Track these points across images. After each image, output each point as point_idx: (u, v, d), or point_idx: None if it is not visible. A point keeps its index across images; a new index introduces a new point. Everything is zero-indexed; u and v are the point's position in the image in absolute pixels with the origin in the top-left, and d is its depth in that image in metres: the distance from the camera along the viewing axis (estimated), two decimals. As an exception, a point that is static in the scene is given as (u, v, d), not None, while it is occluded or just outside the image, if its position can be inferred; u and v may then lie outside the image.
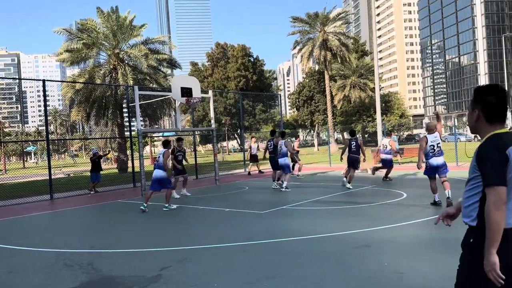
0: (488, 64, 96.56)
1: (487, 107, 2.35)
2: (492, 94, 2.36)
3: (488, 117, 2.36)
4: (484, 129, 2.38)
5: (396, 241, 6.36)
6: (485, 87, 2.41)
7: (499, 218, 2.16)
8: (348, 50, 45.31)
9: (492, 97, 2.35)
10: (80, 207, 12.49)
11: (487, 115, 2.36)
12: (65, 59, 25.98)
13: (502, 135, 2.31)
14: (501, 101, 2.35)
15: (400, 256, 5.62)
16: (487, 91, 2.38)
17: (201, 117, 54.94)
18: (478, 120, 2.40)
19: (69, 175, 27.38)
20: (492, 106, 2.35)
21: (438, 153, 8.79)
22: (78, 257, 6.37)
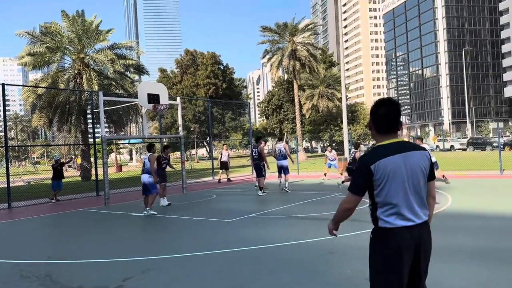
0: (450, 77, 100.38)
1: (376, 118, 2.61)
2: (381, 107, 2.60)
3: (376, 128, 2.63)
4: (375, 139, 2.68)
5: (361, 248, 6.42)
6: (377, 101, 2.66)
7: (341, 215, 2.78)
8: (316, 60, 46.01)
9: (381, 110, 2.59)
10: (40, 216, 12.00)
11: (375, 126, 2.63)
12: (27, 63, 25.16)
13: (383, 146, 2.58)
14: (389, 114, 2.58)
15: (365, 262, 5.67)
16: (377, 104, 2.63)
17: (169, 124, 54.27)
18: (371, 129, 2.69)
19: (29, 183, 26.39)
20: (380, 117, 2.59)
21: None
22: (35, 268, 6.09)
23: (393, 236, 2.53)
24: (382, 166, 2.50)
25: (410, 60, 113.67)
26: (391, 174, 2.50)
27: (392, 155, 2.52)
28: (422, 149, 2.64)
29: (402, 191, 2.53)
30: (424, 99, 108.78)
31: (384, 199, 2.55)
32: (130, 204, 13.62)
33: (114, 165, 42.83)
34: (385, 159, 2.51)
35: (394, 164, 2.51)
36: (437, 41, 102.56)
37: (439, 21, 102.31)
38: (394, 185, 2.52)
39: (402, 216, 2.54)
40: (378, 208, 2.59)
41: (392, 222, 2.54)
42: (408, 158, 2.54)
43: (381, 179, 2.51)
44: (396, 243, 2.52)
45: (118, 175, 31.83)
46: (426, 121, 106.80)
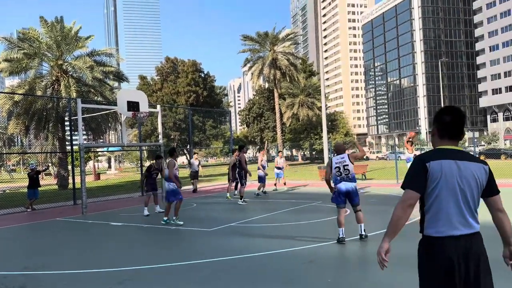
0: (426, 87, 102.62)
1: (441, 125, 2.62)
2: (447, 114, 2.61)
3: (439, 134, 2.63)
4: (435, 145, 2.67)
5: (340, 257, 6.49)
6: (443, 108, 2.69)
7: (401, 215, 2.52)
8: (297, 69, 46.48)
9: (446, 116, 2.61)
10: (15, 225, 11.70)
11: (439, 132, 2.64)
12: (3, 69, 24.63)
13: (440, 150, 2.57)
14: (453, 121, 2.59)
15: (344, 271, 5.73)
16: (443, 111, 2.65)
17: (149, 131, 53.79)
18: (434, 135, 2.69)
19: (4, 191, 25.72)
20: (444, 124, 2.61)
21: (347, 177, 7.33)
22: (10, 279, 5.94)
23: (438, 245, 2.47)
24: (436, 167, 2.48)
25: (388, 70, 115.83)
26: (443, 177, 2.47)
27: (447, 159, 2.50)
28: (481, 162, 2.58)
29: (453, 198, 2.49)
30: (402, 108, 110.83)
31: (434, 203, 2.51)
32: (108, 213, 13.42)
33: (92, 173, 42.14)
34: (440, 161, 2.49)
35: (447, 168, 2.48)
36: (414, 52, 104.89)
37: (416, 33, 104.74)
38: (446, 190, 2.48)
39: (450, 224, 2.48)
40: (425, 213, 2.55)
41: (438, 229, 2.49)
42: (463, 166, 2.50)
43: (433, 179, 2.48)
44: (441, 253, 2.45)
45: (96, 183, 31.33)
46: (404, 130, 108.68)
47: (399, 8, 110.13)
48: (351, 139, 58.23)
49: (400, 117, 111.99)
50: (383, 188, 16.85)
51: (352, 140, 55.19)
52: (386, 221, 8.68)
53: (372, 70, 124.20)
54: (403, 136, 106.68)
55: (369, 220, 9.62)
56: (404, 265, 5.71)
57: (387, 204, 12.18)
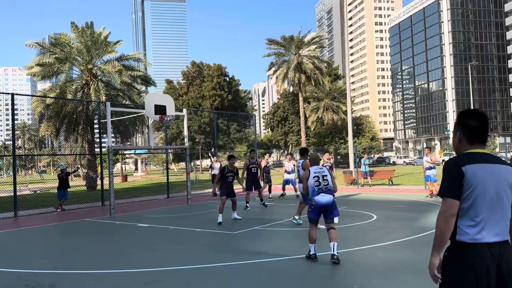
0: (456, 91, 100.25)
1: (467, 129, 2.53)
2: (474, 118, 2.53)
3: (468, 138, 2.53)
4: (461, 149, 2.56)
5: (366, 263, 6.39)
6: (467, 112, 2.59)
7: (444, 227, 2.39)
8: (322, 73, 46.19)
9: (472, 121, 2.52)
10: (45, 225, 12.04)
11: (466, 136, 2.53)
12: (36, 73, 25.43)
13: (472, 154, 2.47)
14: (481, 124, 2.51)
15: (370, 278, 5.64)
16: (468, 115, 2.55)
17: (175, 135, 54.48)
18: (460, 141, 2.57)
19: (35, 191, 26.50)
20: (472, 128, 2.51)
21: (326, 188, 6.51)
22: (40, 278, 6.11)
23: (473, 252, 2.34)
24: (471, 171, 2.37)
25: (416, 73, 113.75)
26: (480, 183, 2.37)
27: (479, 163, 2.40)
28: (506, 164, 2.50)
29: (488, 203, 2.38)
30: (430, 113, 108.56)
31: (470, 209, 2.39)
32: (135, 214, 13.64)
33: (119, 175, 42.96)
34: (474, 165, 2.39)
35: (482, 172, 2.38)
36: (443, 55, 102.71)
37: (445, 36, 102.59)
38: (481, 195, 2.37)
39: (485, 230, 2.36)
40: (459, 218, 2.40)
41: (473, 236, 2.36)
42: (495, 170, 2.41)
43: (469, 184, 2.37)
44: (476, 260, 2.33)
45: (123, 185, 31.92)
46: (432, 135, 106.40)
47: (428, 11, 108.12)
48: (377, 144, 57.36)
49: (428, 121, 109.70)
50: (411, 194, 16.54)
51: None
52: (415, 228, 8.58)
53: (399, 74, 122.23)
54: (431, 141, 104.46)
55: (398, 226, 9.46)
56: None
57: (415, 210, 11.94)
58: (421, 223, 9.60)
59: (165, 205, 16.06)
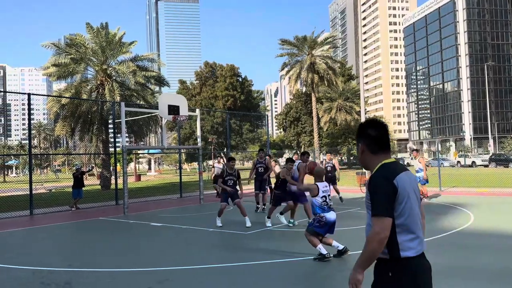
0: (471, 92, 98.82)
1: (375, 138, 2.44)
2: (372, 127, 2.46)
3: (370, 148, 2.44)
4: (371, 161, 2.45)
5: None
6: (366, 122, 2.51)
7: (378, 248, 2.21)
8: (335, 73, 45.98)
9: (371, 130, 2.45)
10: (60, 223, 12.20)
11: (368, 147, 2.45)
12: (52, 73, 25.78)
13: (389, 165, 2.37)
14: (380, 134, 2.44)
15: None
16: (371, 125, 2.48)
17: (187, 135, 54.76)
18: (364, 152, 2.48)
19: (51, 190, 26.87)
20: (371, 138, 2.45)
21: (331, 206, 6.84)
22: (55, 275, 6.19)
23: (419, 265, 2.27)
24: (401, 182, 2.27)
25: (431, 74, 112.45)
26: (411, 194, 2.31)
27: (402, 172, 2.32)
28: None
29: (416, 212, 2.33)
30: (445, 113, 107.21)
31: (406, 222, 2.28)
32: (148, 213, 13.73)
33: (133, 174, 43.33)
34: (400, 175, 2.29)
35: (408, 183, 2.31)
36: (459, 55, 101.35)
37: (460, 35, 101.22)
38: (410, 205, 2.29)
39: (420, 241, 2.30)
40: (398, 233, 2.26)
41: (416, 249, 2.27)
42: (410, 177, 2.38)
43: (401, 196, 2.26)
44: (423, 273, 2.29)
45: (137, 184, 32.18)
46: (447, 136, 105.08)
47: (443, 11, 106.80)
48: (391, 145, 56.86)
49: (443, 122, 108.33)
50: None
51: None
52: (428, 230, 8.43)
53: (413, 74, 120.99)
54: (446, 142, 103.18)
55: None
56: (454, 277, 5.52)
57: (429, 212, 11.79)
58: (435, 225, 9.48)
59: (178, 205, 16.14)
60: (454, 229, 8.83)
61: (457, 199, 14.49)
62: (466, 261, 6.28)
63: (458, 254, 6.74)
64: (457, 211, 11.72)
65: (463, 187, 19.02)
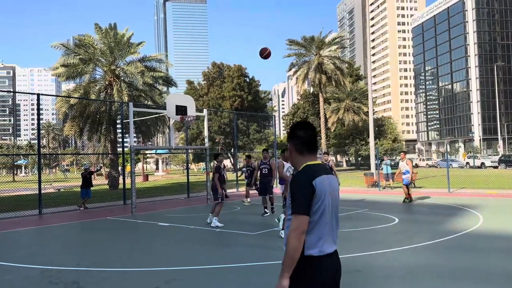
0: (481, 92, 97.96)
1: (302, 139, 2.55)
2: (302, 129, 2.57)
3: (304, 149, 2.55)
4: (298, 161, 2.57)
5: (388, 267, 6.30)
6: (296, 124, 2.62)
7: (298, 245, 2.31)
8: (343, 74, 45.82)
9: (300, 132, 2.56)
10: (69, 223, 12.29)
11: (296, 147, 2.56)
12: (60, 74, 25.96)
13: (312, 166, 2.50)
14: (310, 136, 2.56)
15: (392, 282, 5.56)
16: (299, 127, 2.59)
17: (195, 135, 54.88)
18: (292, 152, 2.58)
19: (59, 190, 27.06)
20: (300, 139, 2.55)
21: None
22: (64, 274, 6.24)
23: (320, 264, 2.39)
24: (320, 184, 2.41)
25: (440, 74, 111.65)
26: (327, 195, 2.43)
27: (322, 175, 2.45)
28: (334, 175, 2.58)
29: (329, 214, 2.45)
30: (454, 114, 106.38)
31: (317, 222, 2.40)
32: (156, 213, 13.79)
33: (141, 174, 43.52)
34: (320, 177, 2.42)
35: (326, 185, 2.44)
36: (468, 55, 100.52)
37: (469, 36, 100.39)
38: (324, 207, 2.41)
39: (327, 242, 2.43)
40: (307, 233, 2.39)
41: (320, 248, 2.40)
42: (331, 180, 2.50)
43: (317, 197, 2.39)
44: (323, 273, 2.39)
45: (144, 184, 32.33)
46: (456, 137, 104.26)
47: (452, 11, 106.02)
48: (399, 145, 56.56)
49: (452, 123, 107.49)
50: (434, 197, 16.23)
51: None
52: (437, 231, 8.43)
53: (422, 74, 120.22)
54: (454, 143, 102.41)
55: (420, 230, 9.31)
56: (464, 279, 5.47)
57: (437, 213, 11.72)
58: (443, 227, 9.42)
59: (185, 205, 16.19)
60: (463, 231, 8.76)
61: (466, 201, 14.38)
62: (475, 263, 6.22)
63: (467, 256, 6.68)
64: (466, 212, 11.62)
65: (472, 189, 18.87)
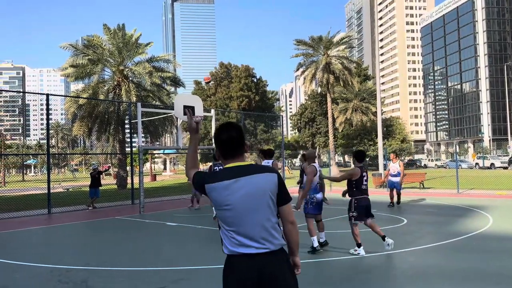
0: (490, 92, 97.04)
1: (218, 144, 2.50)
2: (223, 131, 2.49)
3: (221, 153, 2.51)
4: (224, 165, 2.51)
5: (397, 268, 6.26)
6: (218, 127, 2.54)
7: None
8: (351, 74, 45.61)
9: (222, 134, 2.49)
10: (77, 222, 12.38)
11: (220, 152, 2.51)
12: (69, 74, 26.16)
13: (224, 170, 2.43)
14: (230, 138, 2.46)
15: (401, 283, 5.52)
16: (218, 130, 2.52)
17: (202, 135, 55.03)
18: (220, 157, 2.55)
19: (68, 189, 27.27)
20: (222, 143, 2.48)
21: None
22: (72, 274, 6.27)
23: (233, 265, 2.39)
24: (212, 190, 2.39)
25: (449, 74, 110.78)
26: (226, 199, 2.37)
27: (228, 179, 2.37)
28: (269, 171, 2.45)
29: (244, 216, 2.35)
30: (463, 114, 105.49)
31: (223, 223, 2.42)
32: (164, 213, 13.83)
33: (149, 174, 43.71)
34: (216, 184, 2.37)
35: (228, 189, 2.36)
36: (477, 55, 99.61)
37: (479, 35, 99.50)
38: (234, 211, 2.36)
39: (239, 242, 2.37)
40: (222, 230, 2.47)
41: (230, 248, 2.42)
42: (248, 181, 2.37)
43: (217, 202, 2.38)
44: (236, 274, 2.36)
45: (152, 184, 32.45)
46: (465, 138, 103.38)
47: (461, 10, 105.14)
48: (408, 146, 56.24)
49: (461, 123, 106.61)
50: (442, 198, 16.10)
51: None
52: (446, 232, 8.37)
53: (431, 74, 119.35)
54: (464, 143, 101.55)
55: (429, 231, 9.23)
56: (473, 280, 5.42)
57: (446, 214, 11.63)
58: (452, 228, 9.33)
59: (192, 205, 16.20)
60: (473, 232, 8.67)
61: (475, 202, 14.24)
62: (485, 264, 6.15)
63: (476, 258, 6.61)
64: (475, 213, 11.51)
65: (481, 189, 18.69)
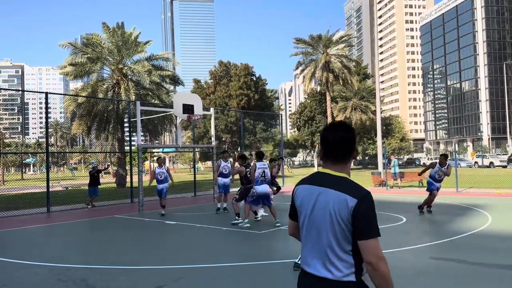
0: (489, 91, 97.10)
1: (321, 143, 2.21)
2: (329, 131, 2.20)
3: (322, 154, 2.22)
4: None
5: (395, 267, 6.26)
6: (329, 124, 2.29)
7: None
8: (350, 72, 45.61)
9: (327, 134, 2.20)
10: (77, 221, 12.37)
11: (322, 151, 2.23)
12: (68, 73, 26.11)
13: (315, 174, 2.22)
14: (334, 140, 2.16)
15: (400, 282, 5.52)
16: (326, 128, 2.24)
17: (201, 134, 54.98)
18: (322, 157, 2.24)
19: (67, 188, 27.24)
20: (324, 143, 2.20)
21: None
22: (72, 272, 6.27)
23: (299, 278, 2.25)
24: (299, 193, 2.20)
25: (448, 73, 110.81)
26: (304, 206, 2.16)
27: (311, 184, 2.15)
28: (348, 191, 2.02)
29: (311, 230, 2.14)
30: (462, 113, 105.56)
31: (302, 232, 2.22)
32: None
33: (148, 173, 43.68)
34: (303, 186, 2.20)
35: (307, 195, 2.15)
36: (477, 54, 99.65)
37: (478, 34, 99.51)
38: (307, 220, 2.15)
39: (304, 258, 2.19)
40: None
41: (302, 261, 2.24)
42: (323, 194, 2.09)
43: (298, 206, 2.21)
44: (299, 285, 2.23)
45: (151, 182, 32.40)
46: (464, 136, 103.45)
47: (460, 9, 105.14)
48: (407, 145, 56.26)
49: (460, 122, 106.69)
50: (442, 197, 16.10)
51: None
52: (445, 231, 8.38)
53: (430, 73, 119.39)
54: (463, 142, 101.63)
55: (428, 230, 9.25)
56: (472, 278, 5.43)
57: (445, 213, 11.64)
58: (451, 226, 9.35)
59: (192, 203, 16.22)
60: (472, 231, 8.68)
61: (474, 200, 14.26)
62: (484, 263, 6.16)
63: (475, 256, 6.62)
64: (474, 212, 11.53)
65: (480, 188, 18.71)
